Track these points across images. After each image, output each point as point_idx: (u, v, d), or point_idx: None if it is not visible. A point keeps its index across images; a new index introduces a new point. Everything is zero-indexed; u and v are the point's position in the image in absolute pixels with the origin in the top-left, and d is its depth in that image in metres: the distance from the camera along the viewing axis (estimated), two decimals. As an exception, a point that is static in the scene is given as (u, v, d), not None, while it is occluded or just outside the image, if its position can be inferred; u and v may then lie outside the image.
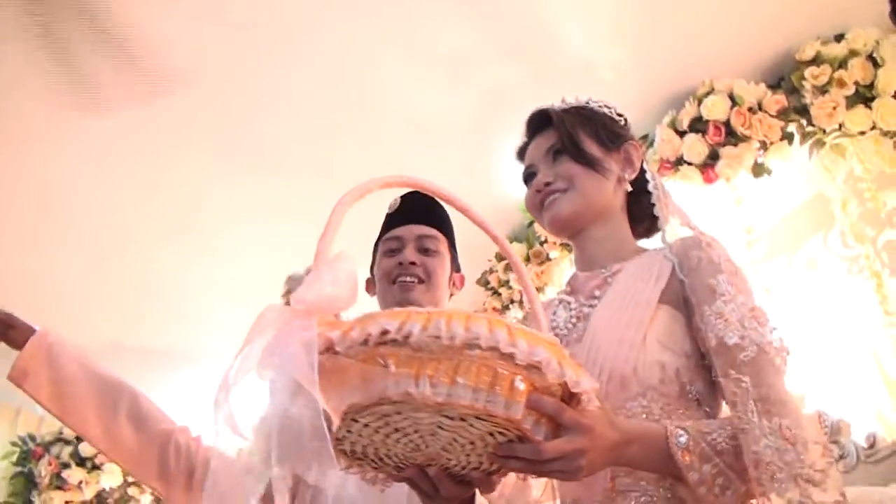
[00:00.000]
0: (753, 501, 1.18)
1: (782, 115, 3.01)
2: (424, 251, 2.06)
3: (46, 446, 4.75)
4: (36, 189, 3.71)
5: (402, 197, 2.12)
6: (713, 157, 3.07)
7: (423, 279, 2.00)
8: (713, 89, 3.11)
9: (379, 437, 1.02)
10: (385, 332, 0.95)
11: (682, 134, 3.13)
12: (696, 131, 3.09)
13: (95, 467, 4.73)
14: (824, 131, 2.91)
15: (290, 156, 3.68)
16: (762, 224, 3.22)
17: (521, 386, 0.97)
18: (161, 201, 3.85)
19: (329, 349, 0.96)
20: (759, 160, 3.05)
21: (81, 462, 4.71)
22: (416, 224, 2.09)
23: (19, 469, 4.75)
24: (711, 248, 1.38)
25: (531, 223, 3.73)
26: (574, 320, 1.44)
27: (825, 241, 3.14)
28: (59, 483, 4.64)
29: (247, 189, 3.82)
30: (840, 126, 2.87)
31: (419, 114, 3.51)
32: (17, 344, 2.04)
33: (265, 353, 0.96)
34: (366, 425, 1.00)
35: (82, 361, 2.08)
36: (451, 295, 2.10)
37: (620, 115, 1.62)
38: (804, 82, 2.93)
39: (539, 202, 1.55)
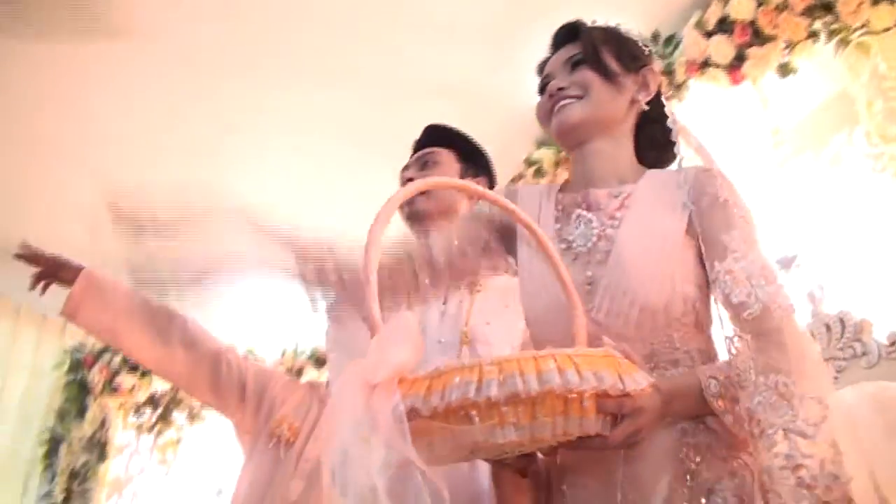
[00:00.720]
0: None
1: (808, 13, 3.01)
2: (423, 167, 2.19)
3: (96, 355, 4.95)
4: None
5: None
6: (740, 58, 3.09)
7: (423, 192, 2.07)
8: (739, -12, 3.10)
9: (463, 457, 1.20)
10: (465, 396, 1.05)
11: (708, 35, 3.14)
12: (723, 32, 3.10)
13: (146, 373, 4.94)
14: (849, 29, 2.91)
15: (314, 65, 3.73)
16: (787, 121, 3.26)
17: (588, 404, 1.12)
18: (196, 114, 3.98)
19: (414, 415, 1.06)
20: (785, 59, 3.07)
21: (132, 368, 4.92)
22: (417, 152, 2.26)
23: (72, 377, 4.96)
24: (724, 188, 1.44)
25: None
26: (595, 239, 1.47)
27: (850, 138, 3.18)
28: (111, 388, 4.87)
29: (274, 98, 3.89)
30: (865, 24, 2.88)
31: (446, 15, 3.52)
32: (68, 282, 2.18)
33: (357, 426, 1.03)
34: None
35: (129, 294, 2.22)
36: (471, 198, 2.08)
37: (647, 46, 1.65)
38: (831, -22, 2.93)
39: (550, 107, 1.58)
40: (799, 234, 3.13)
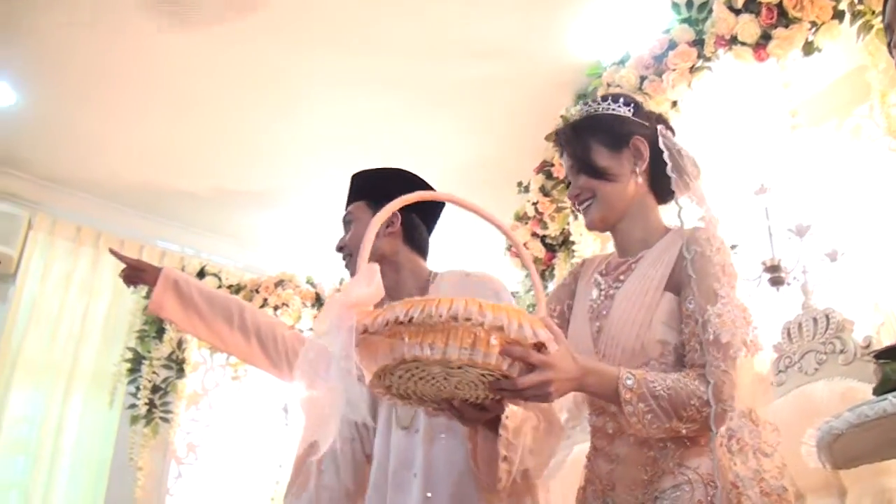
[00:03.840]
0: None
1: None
2: (345, 228, 2.30)
3: None
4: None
5: None
6: (765, 37, 3.23)
7: (351, 253, 2.23)
8: (767, -32, 3.20)
9: (411, 384, 1.48)
10: (397, 318, 1.36)
11: (737, 12, 3.28)
12: (750, 12, 3.23)
13: None
14: (873, 12, 3.03)
15: (372, 32, 4.01)
16: (808, 93, 3.41)
17: (494, 342, 1.38)
18: (262, 76, 4.34)
19: (365, 331, 1.39)
20: (810, 38, 3.20)
21: None
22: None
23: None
24: (712, 244, 1.68)
25: (595, 89, 3.94)
26: (602, 298, 1.82)
27: (870, 111, 3.33)
28: None
29: (329, 61, 4.18)
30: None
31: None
32: (150, 282, 2.58)
33: (327, 334, 1.40)
34: (399, 377, 1.45)
35: (200, 289, 2.64)
36: (391, 233, 2.19)
37: (629, 104, 1.88)
38: (857, -42, 3.02)
39: (578, 208, 1.91)
40: (814, 202, 3.33)
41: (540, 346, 1.42)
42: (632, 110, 1.87)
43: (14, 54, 4.23)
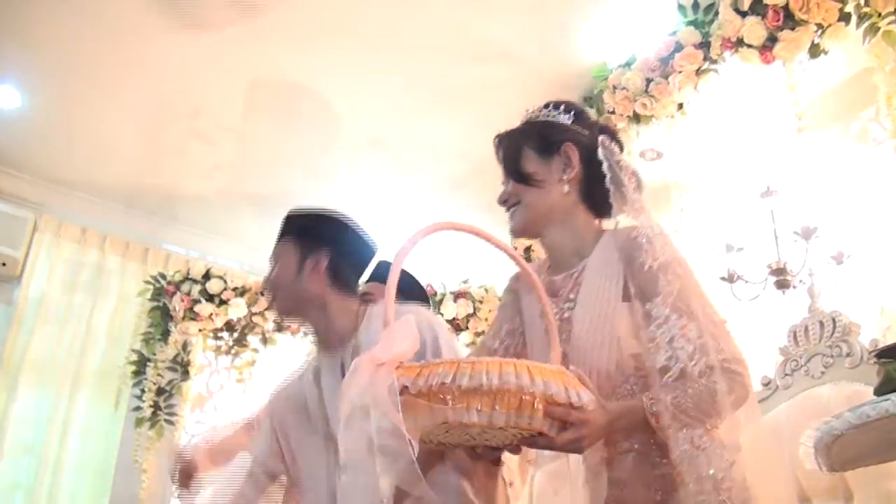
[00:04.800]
0: None
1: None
2: (273, 264, 2.23)
3: (177, 285, 5.33)
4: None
5: None
6: (772, 39, 3.22)
7: (273, 293, 2.20)
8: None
9: (440, 435, 1.47)
10: (443, 382, 1.37)
11: (743, 14, 3.27)
12: (756, 14, 3.23)
13: (223, 302, 5.33)
14: (880, 15, 3.02)
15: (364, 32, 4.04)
16: (814, 95, 3.40)
17: (539, 406, 1.39)
18: (271, 77, 4.39)
19: (405, 392, 1.38)
20: (816, 41, 3.20)
21: (210, 298, 5.31)
22: None
23: (155, 303, 5.36)
24: (649, 252, 1.63)
25: (601, 91, 3.94)
26: (558, 322, 1.73)
27: (877, 114, 3.32)
28: (192, 315, 5.26)
29: (340, 61, 4.23)
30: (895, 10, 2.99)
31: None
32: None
33: (362, 396, 1.37)
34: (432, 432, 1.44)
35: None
36: (315, 274, 2.15)
37: (570, 111, 1.84)
38: (864, -39, 3.01)
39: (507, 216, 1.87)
40: (820, 205, 3.33)
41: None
42: (571, 118, 1.83)
43: (20, 57, 4.24)
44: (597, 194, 1.79)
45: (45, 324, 5.28)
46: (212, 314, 5.28)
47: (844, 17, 3.14)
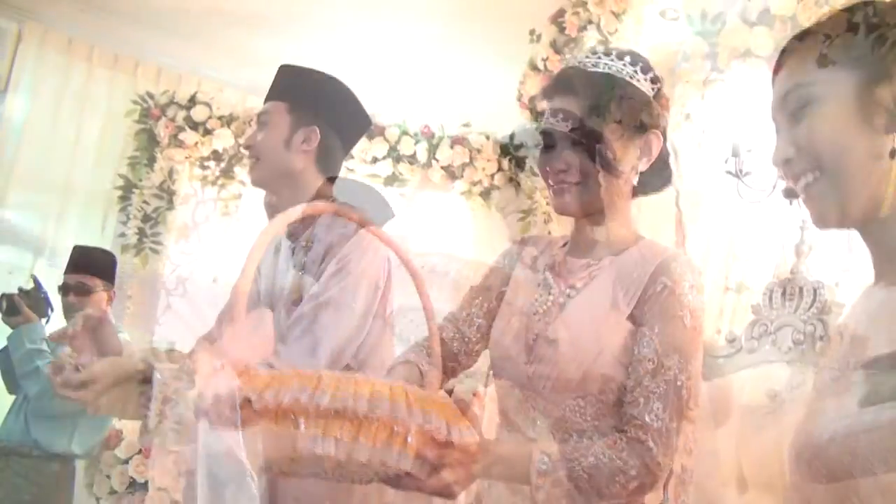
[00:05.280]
0: None
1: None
2: (259, 127, 2.09)
3: (163, 108, 5.13)
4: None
5: None
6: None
7: (258, 157, 2.05)
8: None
9: (283, 463, 1.20)
10: (297, 399, 1.10)
11: (751, 24, 3.14)
12: (764, 24, 3.09)
13: (207, 132, 5.17)
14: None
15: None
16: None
17: (411, 440, 1.15)
18: None
19: (246, 406, 1.10)
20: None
21: (194, 126, 5.13)
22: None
23: (142, 126, 5.17)
24: (685, 281, 1.48)
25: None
26: (548, 304, 1.56)
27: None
28: (177, 142, 5.11)
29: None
30: (905, 20, 2.79)
31: None
32: None
33: (199, 398, 1.12)
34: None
35: None
36: (305, 150, 2.05)
37: (654, 81, 1.57)
38: (873, -31, 2.79)
39: (551, 183, 1.58)
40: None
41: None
42: (654, 91, 1.57)
43: None
44: (646, 185, 1.63)
45: (31, 141, 5.27)
46: (197, 143, 5.14)
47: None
